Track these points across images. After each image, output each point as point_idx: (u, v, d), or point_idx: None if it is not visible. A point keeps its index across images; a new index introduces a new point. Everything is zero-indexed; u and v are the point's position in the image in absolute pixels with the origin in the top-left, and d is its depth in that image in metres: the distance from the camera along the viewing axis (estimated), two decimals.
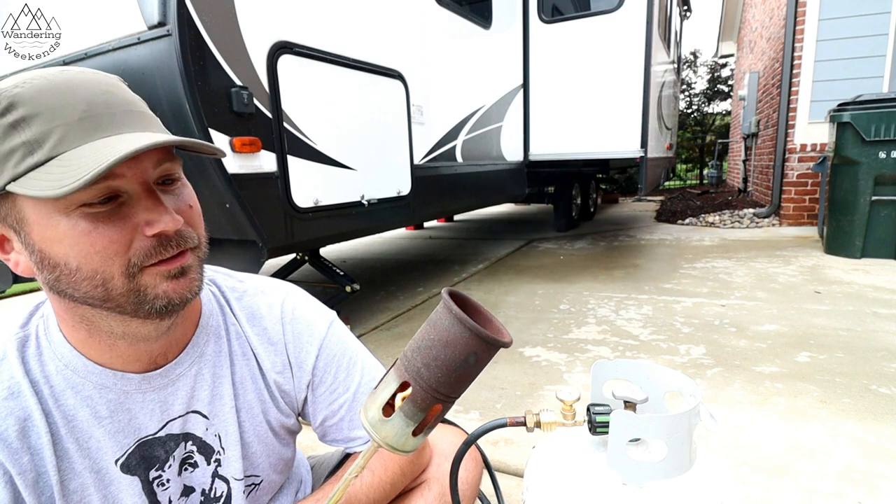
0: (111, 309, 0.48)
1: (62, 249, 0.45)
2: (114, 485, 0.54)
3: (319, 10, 2.10)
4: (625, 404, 0.61)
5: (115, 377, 0.54)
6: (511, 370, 1.93)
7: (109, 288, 0.46)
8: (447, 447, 0.78)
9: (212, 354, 0.62)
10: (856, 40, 4.45)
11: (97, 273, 0.46)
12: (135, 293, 0.47)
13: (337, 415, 0.69)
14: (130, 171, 0.45)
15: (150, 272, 0.48)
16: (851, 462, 1.25)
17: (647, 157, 4.04)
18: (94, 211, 0.44)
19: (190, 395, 0.59)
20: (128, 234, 0.46)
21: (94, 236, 0.44)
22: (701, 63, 16.99)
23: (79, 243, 0.44)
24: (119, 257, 0.46)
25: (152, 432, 0.57)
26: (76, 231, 0.44)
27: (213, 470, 0.62)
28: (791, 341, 2.06)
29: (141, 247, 0.46)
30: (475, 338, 0.40)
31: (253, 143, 1.82)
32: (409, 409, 0.43)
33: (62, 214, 0.44)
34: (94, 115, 0.44)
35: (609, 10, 3.96)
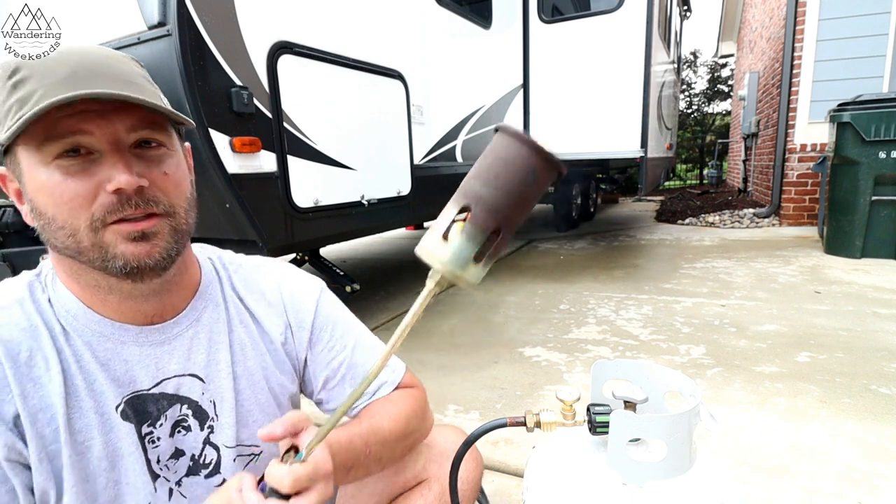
0: (85, 263, 0.51)
1: (42, 199, 0.49)
2: (114, 431, 0.56)
3: (319, 10, 2.10)
4: (625, 404, 0.61)
5: (112, 327, 0.56)
6: (511, 370, 1.93)
7: (78, 239, 0.50)
8: (448, 446, 0.78)
9: (208, 320, 0.63)
10: (856, 40, 4.45)
11: (67, 223, 0.49)
12: (98, 248, 0.50)
13: (338, 374, 0.70)
14: (100, 130, 0.49)
15: (112, 230, 0.50)
16: (851, 462, 1.25)
17: (647, 157, 4.04)
18: (65, 163, 0.48)
19: (186, 356, 0.60)
20: (93, 189, 0.49)
21: (62, 187, 0.48)
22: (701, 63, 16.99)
23: (52, 193, 0.48)
24: (83, 210, 0.49)
25: (145, 388, 0.58)
26: (51, 182, 0.48)
27: (205, 436, 0.62)
28: (791, 341, 2.06)
29: (102, 202, 0.49)
30: (534, 153, 0.40)
31: (253, 143, 1.82)
32: (470, 229, 0.41)
33: (43, 166, 0.48)
34: (78, 77, 0.48)
35: (609, 10, 3.96)
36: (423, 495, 0.74)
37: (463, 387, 1.81)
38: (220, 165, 1.71)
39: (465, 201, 0.42)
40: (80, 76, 0.48)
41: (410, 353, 2.15)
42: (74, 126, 0.48)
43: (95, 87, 0.47)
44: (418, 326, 2.54)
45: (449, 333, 2.40)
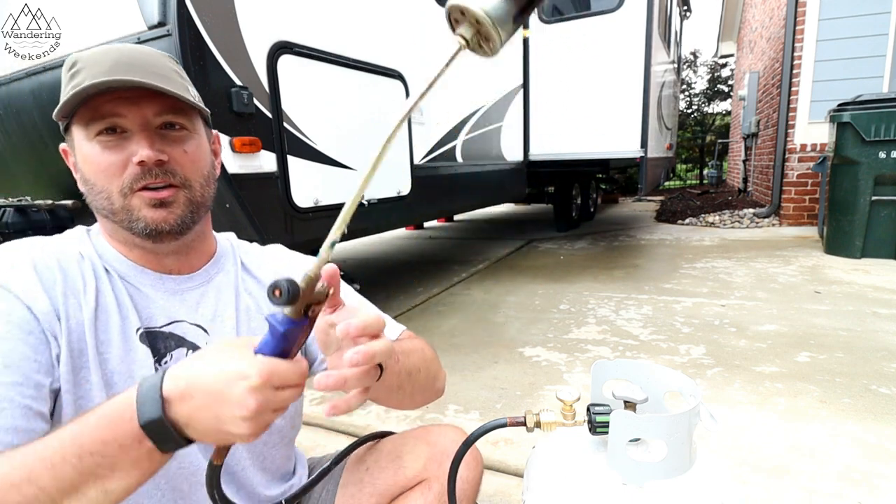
0: (117, 223, 0.62)
1: (87, 168, 0.61)
2: (133, 351, 0.62)
3: (319, 10, 2.10)
4: (625, 404, 0.61)
5: (136, 269, 0.65)
6: (511, 370, 1.93)
7: (112, 202, 0.60)
8: (448, 446, 0.78)
9: (218, 283, 0.72)
10: (856, 40, 4.45)
11: (104, 188, 0.60)
12: (126, 211, 0.60)
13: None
14: (131, 114, 0.59)
15: (138, 196, 0.60)
16: (851, 462, 1.25)
17: (647, 157, 4.04)
18: (104, 139, 0.59)
19: (194, 308, 0.68)
20: (124, 161, 0.59)
21: (100, 158, 0.59)
22: (701, 63, 16.99)
23: (92, 163, 0.60)
24: (116, 178, 0.59)
25: (158, 325, 0.65)
26: (93, 154, 0.59)
27: None
28: (791, 341, 2.06)
29: (130, 172, 0.59)
30: None
31: (253, 143, 1.82)
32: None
33: (87, 141, 0.60)
34: (117, 68, 0.57)
35: (609, 10, 3.96)
36: (423, 495, 0.74)
37: (463, 387, 1.81)
38: (221, 165, 1.71)
39: None
40: (119, 68, 0.57)
41: None
42: (112, 109, 0.58)
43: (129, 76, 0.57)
44: (418, 327, 2.54)
45: (449, 333, 2.40)
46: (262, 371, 0.42)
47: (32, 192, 2.21)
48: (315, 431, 1.52)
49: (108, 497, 0.43)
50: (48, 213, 1.93)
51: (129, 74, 0.57)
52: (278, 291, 0.40)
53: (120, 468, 0.43)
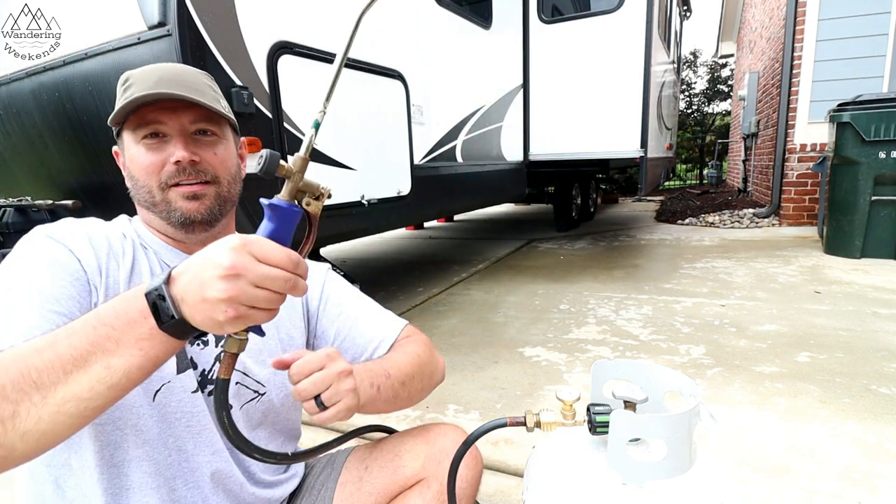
0: (156, 214, 0.71)
1: (133, 166, 0.70)
2: None
3: (319, 10, 2.10)
4: (625, 404, 0.61)
5: (169, 249, 0.74)
6: (511, 370, 1.93)
7: (153, 195, 0.70)
8: (447, 445, 0.78)
9: None
10: (856, 40, 4.45)
11: (146, 184, 0.70)
12: (165, 203, 0.70)
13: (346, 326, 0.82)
14: (170, 121, 0.68)
15: (174, 191, 0.69)
16: (851, 462, 1.25)
17: (647, 157, 4.04)
18: (147, 142, 0.69)
19: None
20: (162, 161, 0.69)
21: (143, 158, 0.69)
22: (701, 63, 17.00)
23: (137, 162, 0.69)
24: (155, 175, 0.69)
25: None
26: (138, 154, 0.69)
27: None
28: (791, 341, 2.06)
29: (168, 170, 0.69)
30: None
31: (253, 143, 1.82)
32: None
33: (135, 143, 0.69)
34: (161, 83, 0.66)
35: (609, 10, 3.96)
36: (422, 494, 0.74)
37: (463, 387, 1.81)
38: None
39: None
40: (163, 83, 0.67)
41: None
42: (156, 117, 0.68)
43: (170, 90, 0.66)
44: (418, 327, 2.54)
45: (449, 333, 2.40)
46: (243, 237, 0.48)
47: (32, 192, 2.21)
48: (315, 431, 1.52)
49: (109, 373, 0.46)
50: (48, 213, 1.93)
51: (171, 89, 0.66)
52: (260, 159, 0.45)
53: (124, 344, 0.47)
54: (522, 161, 4.36)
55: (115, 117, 0.68)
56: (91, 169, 1.96)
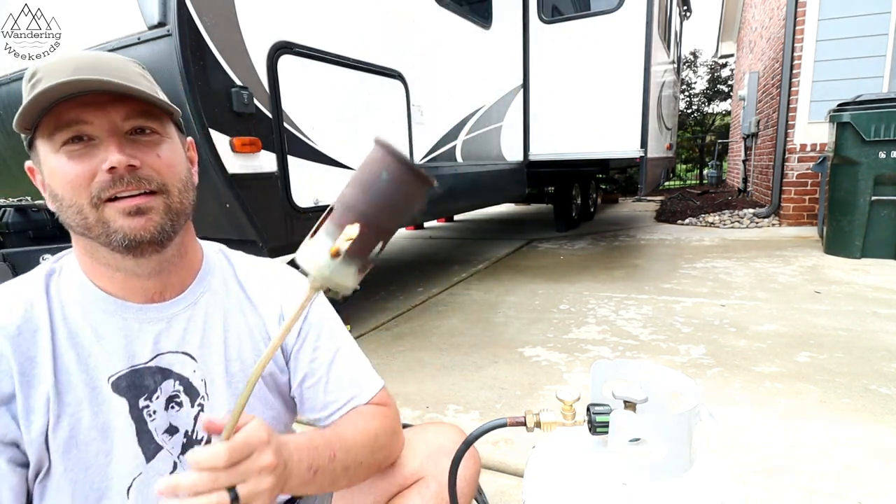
0: (93, 239, 0.57)
1: (54, 182, 0.56)
2: (105, 404, 0.59)
3: (320, 10, 2.10)
4: (625, 404, 0.61)
5: (115, 304, 0.61)
6: (511, 370, 1.93)
7: (84, 215, 0.56)
8: (446, 444, 0.78)
9: (205, 304, 0.68)
10: (856, 40, 4.45)
11: (73, 202, 0.55)
12: (101, 223, 0.56)
13: (315, 375, 0.72)
14: (98, 119, 0.55)
15: (111, 206, 0.56)
16: (851, 462, 1.25)
17: (647, 157, 4.04)
18: (70, 149, 0.55)
19: (182, 336, 0.65)
20: (92, 170, 0.55)
21: (66, 169, 0.55)
22: (701, 63, 16.99)
23: (59, 176, 0.55)
24: (84, 189, 0.55)
25: (143, 361, 0.62)
26: (59, 165, 0.55)
27: (196, 413, 0.65)
28: (791, 341, 2.06)
29: (100, 180, 0.55)
30: (387, 155, 0.42)
31: (253, 143, 1.82)
32: (328, 225, 0.44)
33: (53, 153, 0.55)
34: (78, 73, 0.53)
35: (609, 10, 3.96)
36: (421, 493, 0.74)
37: (463, 387, 1.81)
38: (221, 165, 1.71)
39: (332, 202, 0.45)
40: (82, 71, 0.53)
41: (411, 353, 2.15)
42: (77, 116, 0.54)
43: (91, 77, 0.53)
44: (418, 327, 2.55)
45: (449, 333, 2.40)
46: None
47: (32, 192, 2.21)
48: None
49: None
50: (48, 213, 1.93)
51: (94, 76, 0.53)
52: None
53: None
54: (522, 161, 4.36)
55: (21, 120, 0.55)
56: None
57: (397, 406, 0.78)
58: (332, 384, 0.72)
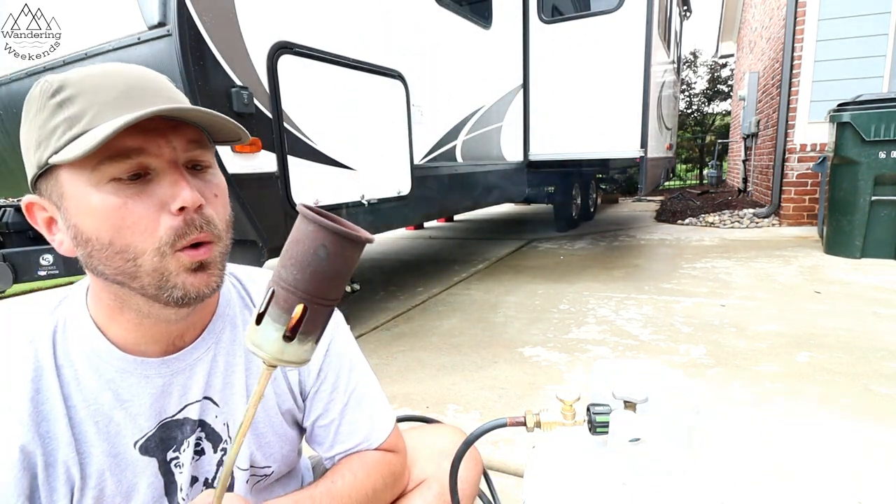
0: (135, 289, 0.49)
1: (93, 223, 0.46)
2: (130, 468, 0.55)
3: (320, 10, 2.10)
4: (625, 404, 0.61)
5: (135, 363, 0.55)
6: (511, 370, 1.93)
7: (139, 264, 0.48)
8: (447, 446, 0.78)
9: (227, 342, 0.63)
10: (856, 40, 4.45)
11: (129, 248, 0.47)
12: (158, 275, 0.48)
13: (329, 416, 0.69)
14: (159, 148, 0.47)
15: (176, 257, 0.48)
16: (851, 462, 1.25)
17: (647, 157, 4.04)
18: (123, 187, 0.46)
19: (206, 381, 0.61)
20: (156, 211, 0.47)
21: (124, 211, 0.46)
22: (701, 63, 16.99)
23: (110, 217, 0.46)
24: (150, 234, 0.47)
25: (171, 414, 0.58)
26: (107, 205, 0.46)
27: (219, 458, 0.63)
28: (791, 341, 2.06)
29: (170, 225, 0.47)
30: (320, 229, 0.40)
31: (253, 143, 1.82)
32: (274, 311, 0.42)
33: (94, 188, 0.46)
34: (131, 96, 0.47)
35: (609, 10, 3.96)
36: (423, 495, 0.74)
37: (463, 387, 1.81)
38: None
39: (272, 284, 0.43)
40: (134, 95, 0.47)
41: (411, 353, 2.15)
42: (139, 145, 0.46)
43: (153, 106, 0.45)
44: (418, 327, 2.55)
45: (449, 333, 2.40)
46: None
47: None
48: None
49: None
50: None
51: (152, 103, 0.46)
52: None
53: None
54: (522, 161, 4.37)
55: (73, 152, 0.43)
56: None
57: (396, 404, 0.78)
58: (344, 427, 0.69)
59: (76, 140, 0.45)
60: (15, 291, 3.53)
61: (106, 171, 0.45)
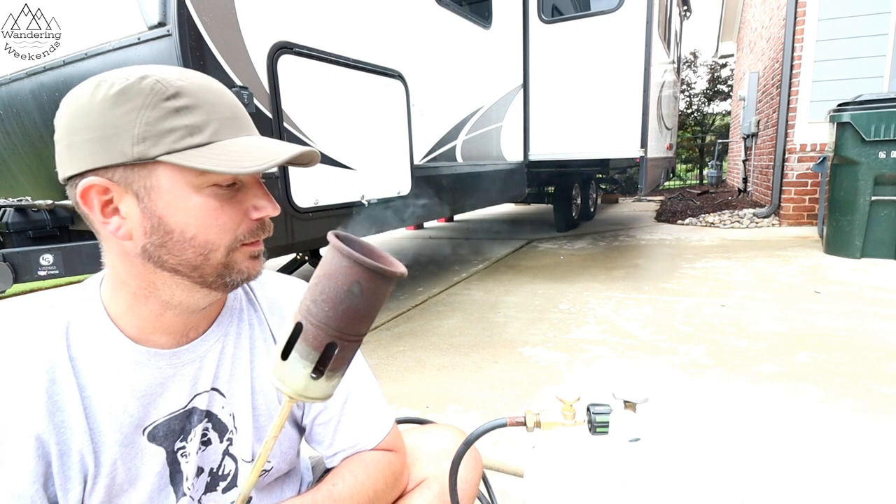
0: (192, 278, 0.55)
1: (184, 219, 0.52)
2: (139, 456, 0.57)
3: (319, 10, 2.10)
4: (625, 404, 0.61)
5: (147, 354, 0.58)
6: (511, 370, 1.93)
7: (210, 257, 0.54)
8: (447, 446, 0.78)
9: (234, 335, 0.66)
10: (856, 40, 4.45)
11: (208, 243, 0.53)
12: (225, 266, 0.55)
13: (328, 413, 0.70)
14: None
15: (242, 250, 0.56)
16: (852, 462, 1.25)
17: (647, 157, 4.04)
18: (221, 192, 0.53)
19: (214, 372, 0.63)
20: (240, 215, 0.55)
21: (218, 213, 0.53)
22: (701, 63, 16.99)
23: (205, 217, 0.52)
24: (230, 233, 0.54)
25: (182, 406, 0.60)
26: (206, 206, 0.52)
27: (224, 448, 0.64)
28: (791, 341, 2.06)
29: (247, 227, 0.55)
30: (355, 265, 0.39)
31: None
32: (302, 348, 0.41)
33: (195, 190, 0.51)
34: (237, 117, 0.55)
35: (609, 10, 3.96)
36: (423, 495, 0.74)
37: (463, 387, 1.81)
38: None
39: (299, 317, 0.42)
40: (240, 116, 0.55)
41: (411, 353, 2.15)
42: None
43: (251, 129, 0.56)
44: (418, 327, 2.55)
45: (449, 333, 2.40)
46: None
47: (32, 192, 2.21)
48: None
49: None
50: (48, 213, 1.93)
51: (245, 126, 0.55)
52: None
53: None
54: (522, 161, 4.36)
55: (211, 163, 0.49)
56: None
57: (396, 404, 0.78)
58: (343, 425, 0.70)
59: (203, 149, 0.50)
60: (15, 291, 3.53)
61: (211, 178, 0.51)
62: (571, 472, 0.60)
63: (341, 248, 0.39)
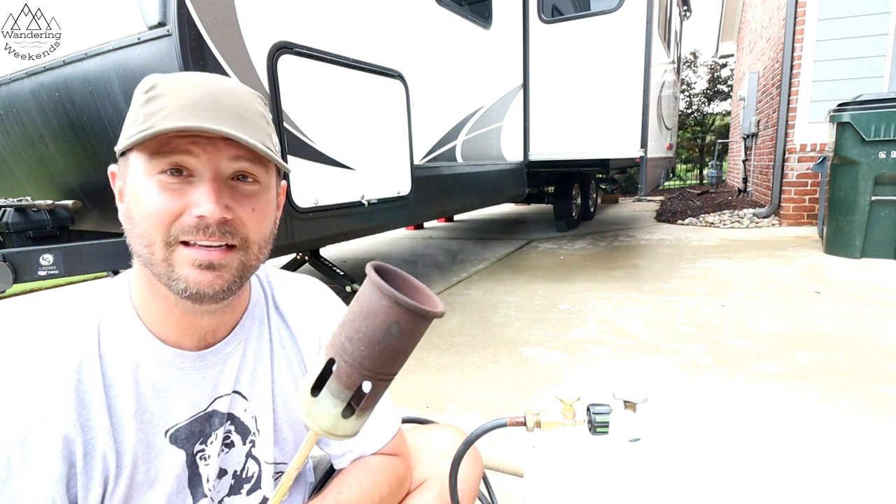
0: (156, 275, 0.53)
1: (136, 205, 0.52)
2: (159, 458, 0.57)
3: (319, 10, 2.10)
4: (625, 404, 0.61)
5: (173, 354, 0.58)
6: (511, 370, 1.93)
7: (153, 251, 0.52)
8: (447, 446, 0.78)
9: (255, 338, 0.66)
10: (856, 40, 4.45)
11: (146, 233, 0.52)
12: (167, 265, 0.52)
13: None
14: (205, 155, 0.51)
15: (182, 251, 0.52)
16: (852, 462, 1.25)
17: (647, 157, 4.04)
18: (164, 179, 0.51)
19: (236, 375, 0.63)
20: (180, 209, 0.51)
21: (153, 200, 0.51)
22: (701, 63, 16.99)
23: (144, 203, 0.51)
24: (163, 226, 0.51)
25: (203, 409, 0.61)
26: (147, 192, 0.51)
27: (247, 450, 0.65)
28: (791, 341, 2.06)
29: (184, 222, 0.51)
30: (395, 305, 0.37)
31: None
32: (334, 386, 0.40)
33: (146, 176, 0.51)
34: (199, 106, 0.50)
35: (609, 10, 3.96)
36: (423, 495, 0.74)
37: (463, 387, 1.81)
38: None
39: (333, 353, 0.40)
40: (203, 105, 0.50)
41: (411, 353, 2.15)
42: (184, 146, 0.50)
43: (213, 119, 0.50)
44: None
45: (449, 333, 2.40)
46: None
47: (32, 192, 2.21)
48: None
49: None
50: (48, 213, 1.93)
51: (213, 118, 0.50)
52: None
53: None
54: (522, 161, 4.36)
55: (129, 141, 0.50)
56: (91, 169, 1.96)
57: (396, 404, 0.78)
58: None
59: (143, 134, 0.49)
60: (15, 291, 3.53)
61: (155, 163, 0.51)
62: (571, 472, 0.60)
63: (382, 285, 0.38)
